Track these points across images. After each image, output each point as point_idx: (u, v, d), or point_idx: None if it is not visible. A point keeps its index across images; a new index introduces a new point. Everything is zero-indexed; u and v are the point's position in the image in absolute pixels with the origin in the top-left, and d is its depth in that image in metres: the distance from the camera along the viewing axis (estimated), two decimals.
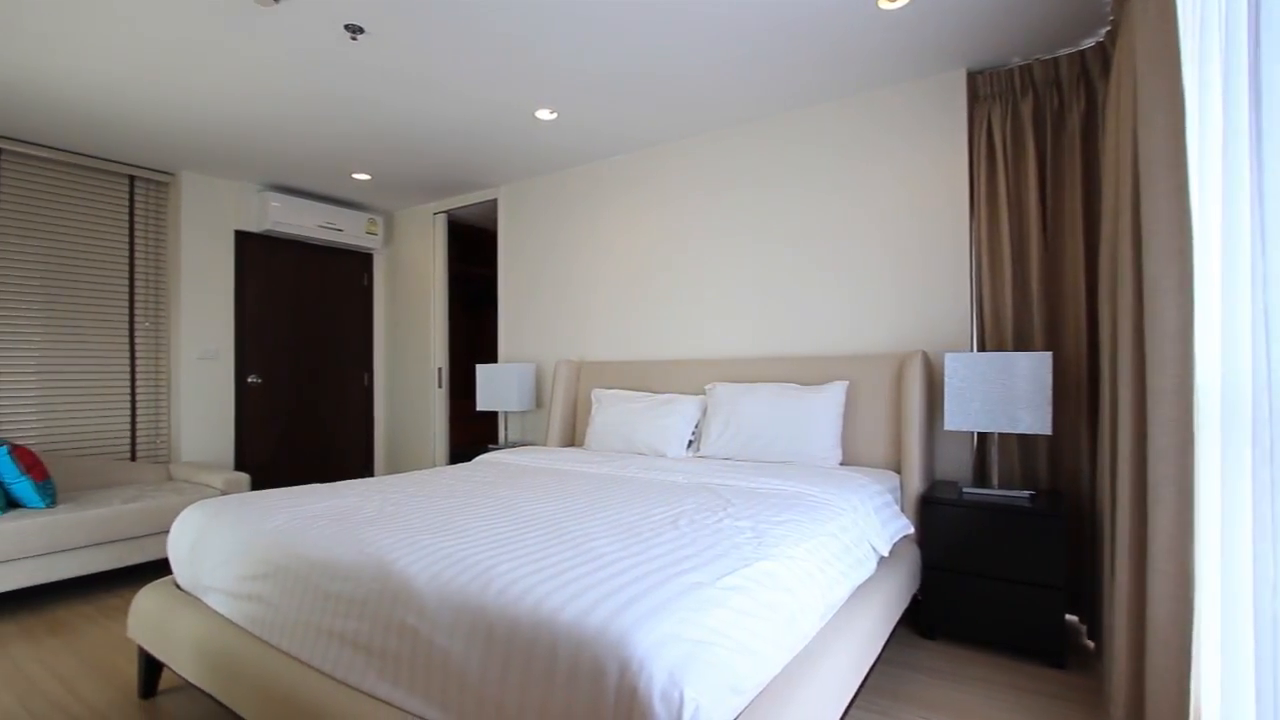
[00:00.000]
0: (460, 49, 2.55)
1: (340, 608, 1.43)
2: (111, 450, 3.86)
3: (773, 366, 3.06)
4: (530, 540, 1.52)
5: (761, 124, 3.26)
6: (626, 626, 1.07)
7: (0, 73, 2.70)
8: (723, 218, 3.39)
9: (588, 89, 2.91)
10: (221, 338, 4.25)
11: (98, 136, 3.45)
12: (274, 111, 3.15)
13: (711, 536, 1.59)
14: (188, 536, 1.94)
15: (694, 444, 3.08)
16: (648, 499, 2.03)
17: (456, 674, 1.20)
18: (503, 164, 3.97)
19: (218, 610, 1.77)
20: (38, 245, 3.60)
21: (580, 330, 3.99)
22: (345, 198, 4.74)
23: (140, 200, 4.02)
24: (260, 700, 1.49)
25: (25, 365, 3.55)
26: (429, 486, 2.27)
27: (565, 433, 3.72)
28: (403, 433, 5.10)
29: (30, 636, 2.53)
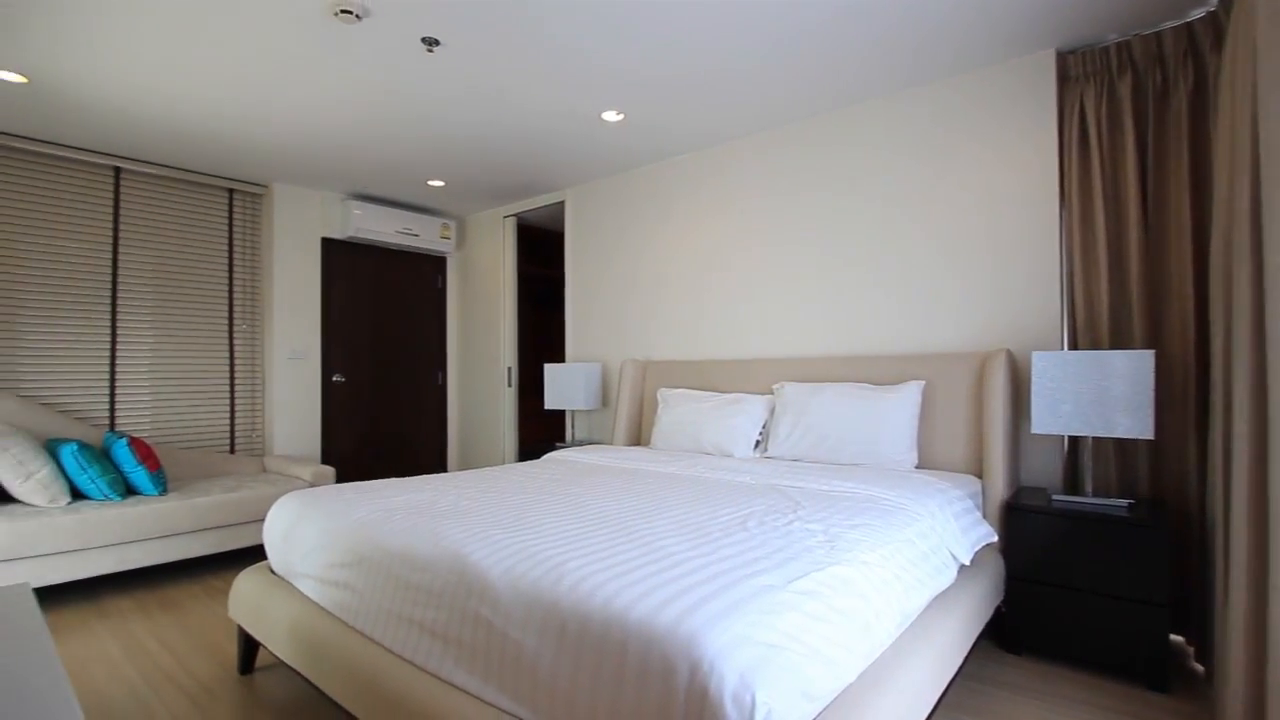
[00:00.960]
0: (530, 56, 2.60)
1: (419, 597, 1.49)
2: (213, 443, 4.17)
3: (843, 366, 2.98)
4: (599, 538, 1.54)
5: (832, 116, 3.17)
6: (696, 627, 1.06)
7: (121, 99, 2.97)
8: (791, 213, 3.32)
9: (655, 88, 2.91)
10: (309, 339, 4.52)
11: (201, 153, 3.73)
12: (357, 123, 3.32)
13: (782, 539, 1.56)
14: (281, 525, 2.07)
15: (761, 444, 3.04)
16: (715, 499, 2.01)
17: (529, 667, 1.22)
18: (570, 167, 4.03)
19: (308, 595, 1.88)
20: (151, 255, 3.93)
21: (646, 330, 4.01)
22: (421, 204, 4.94)
23: (238, 211, 4.32)
24: (347, 681, 1.57)
25: (140, 365, 3.88)
26: (500, 483, 2.34)
27: (631, 431, 3.74)
28: (474, 430, 5.26)
29: (145, 612, 2.76)
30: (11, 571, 2.65)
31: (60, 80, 2.79)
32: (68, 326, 3.63)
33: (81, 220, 3.68)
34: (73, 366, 3.64)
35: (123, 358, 3.82)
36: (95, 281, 3.72)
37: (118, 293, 3.80)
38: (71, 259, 3.64)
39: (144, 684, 2.10)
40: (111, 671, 2.20)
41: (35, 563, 2.72)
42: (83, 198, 3.69)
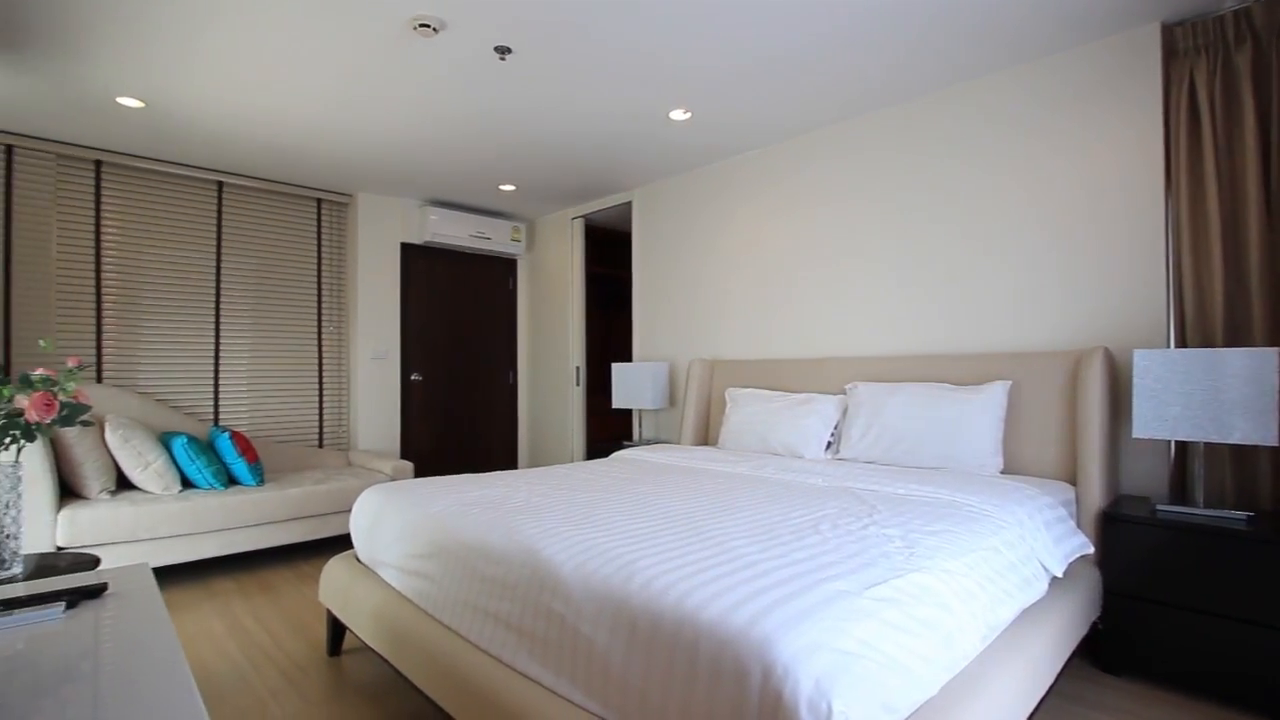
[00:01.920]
0: (597, 59, 2.63)
1: (494, 590, 1.53)
2: (303, 438, 4.45)
3: (921, 365, 2.86)
4: (669, 537, 1.54)
5: (911, 105, 3.05)
6: (770, 630, 1.04)
7: (223, 119, 3.21)
8: (865, 206, 3.22)
9: (723, 84, 2.88)
10: (390, 340, 4.74)
11: (293, 166, 3.98)
12: (434, 132, 3.45)
13: (856, 544, 1.51)
14: (366, 516, 2.18)
15: (833, 446, 2.96)
16: (786, 501, 1.97)
17: (600, 662, 1.24)
18: (637, 167, 4.05)
19: (390, 583, 1.97)
20: (249, 262, 4.23)
21: (714, 329, 3.98)
22: (492, 208, 5.09)
23: (326, 219, 4.59)
24: (426, 667, 1.64)
25: (239, 364, 4.18)
26: (570, 480, 2.38)
27: (699, 431, 3.72)
28: (543, 428, 5.38)
29: (245, 593, 2.97)
30: (132, 552, 2.91)
31: (172, 104, 3.04)
32: (178, 329, 3.95)
33: (190, 231, 4.00)
34: (183, 365, 3.97)
35: (225, 357, 4.12)
36: (202, 288, 4.04)
37: (221, 298, 4.11)
38: (182, 267, 3.96)
39: (244, 659, 2.27)
40: (216, 646, 2.38)
41: (152, 545, 2.97)
42: (191, 211, 4.00)
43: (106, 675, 0.97)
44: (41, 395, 1.66)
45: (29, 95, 2.93)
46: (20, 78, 2.76)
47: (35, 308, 3.45)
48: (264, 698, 2.00)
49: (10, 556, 1.67)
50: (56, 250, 3.54)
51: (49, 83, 2.81)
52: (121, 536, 2.88)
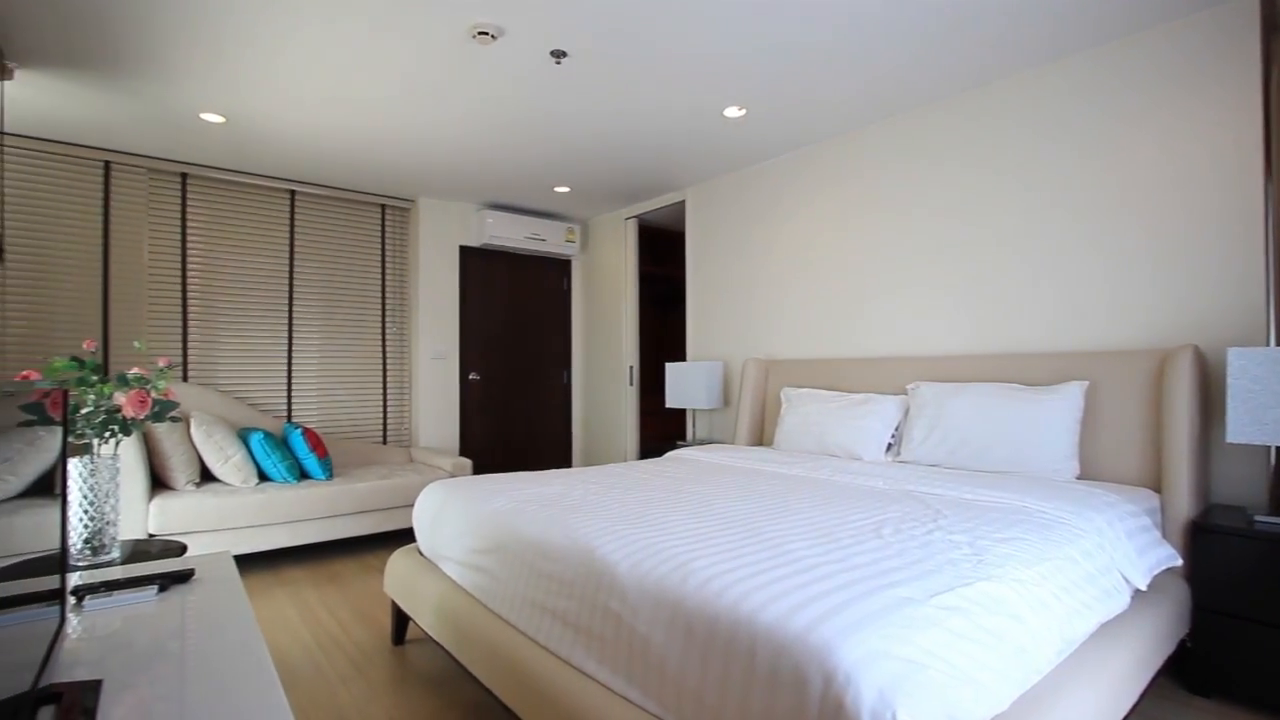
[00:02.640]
0: (652, 59, 2.63)
1: (552, 586, 1.55)
2: (368, 435, 4.63)
3: (989, 364, 2.74)
4: (725, 538, 1.52)
5: (975, 93, 2.93)
6: (830, 636, 1.02)
7: (295, 131, 3.37)
8: (927, 200, 3.11)
9: (778, 79, 2.84)
10: (449, 340, 4.87)
11: (359, 174, 4.15)
12: (491, 137, 3.53)
13: (920, 549, 1.46)
14: (428, 512, 2.24)
15: (893, 448, 2.87)
16: (845, 503, 1.92)
17: (657, 662, 1.24)
18: (691, 166, 4.04)
19: (452, 577, 2.03)
20: (318, 266, 4.43)
21: (769, 328, 3.92)
22: (547, 210, 5.17)
23: (389, 224, 4.76)
24: (486, 660, 1.67)
25: (310, 364, 4.39)
26: (624, 479, 2.39)
27: (753, 431, 3.68)
28: (597, 427, 5.43)
29: (315, 583, 3.11)
30: (214, 540, 3.09)
31: (250, 119, 3.22)
32: (255, 331, 4.18)
33: (265, 238, 4.22)
34: (259, 365, 4.19)
35: (297, 357, 4.33)
36: (276, 291, 4.26)
37: (293, 301, 4.32)
38: (258, 272, 4.19)
39: (315, 645, 2.37)
40: (289, 631, 2.50)
41: (231, 534, 3.15)
42: (266, 219, 4.23)
43: (193, 655, 1.03)
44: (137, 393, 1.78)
45: (124, 114, 3.16)
46: (116, 98, 2.98)
47: (129, 311, 3.72)
48: (334, 683, 2.09)
49: (110, 542, 1.80)
50: (148, 258, 3.80)
51: (141, 102, 3.02)
52: (205, 525, 3.06)
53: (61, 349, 3.48)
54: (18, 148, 3.40)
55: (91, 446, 1.82)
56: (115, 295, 3.68)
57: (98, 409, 1.80)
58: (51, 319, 3.50)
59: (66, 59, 2.61)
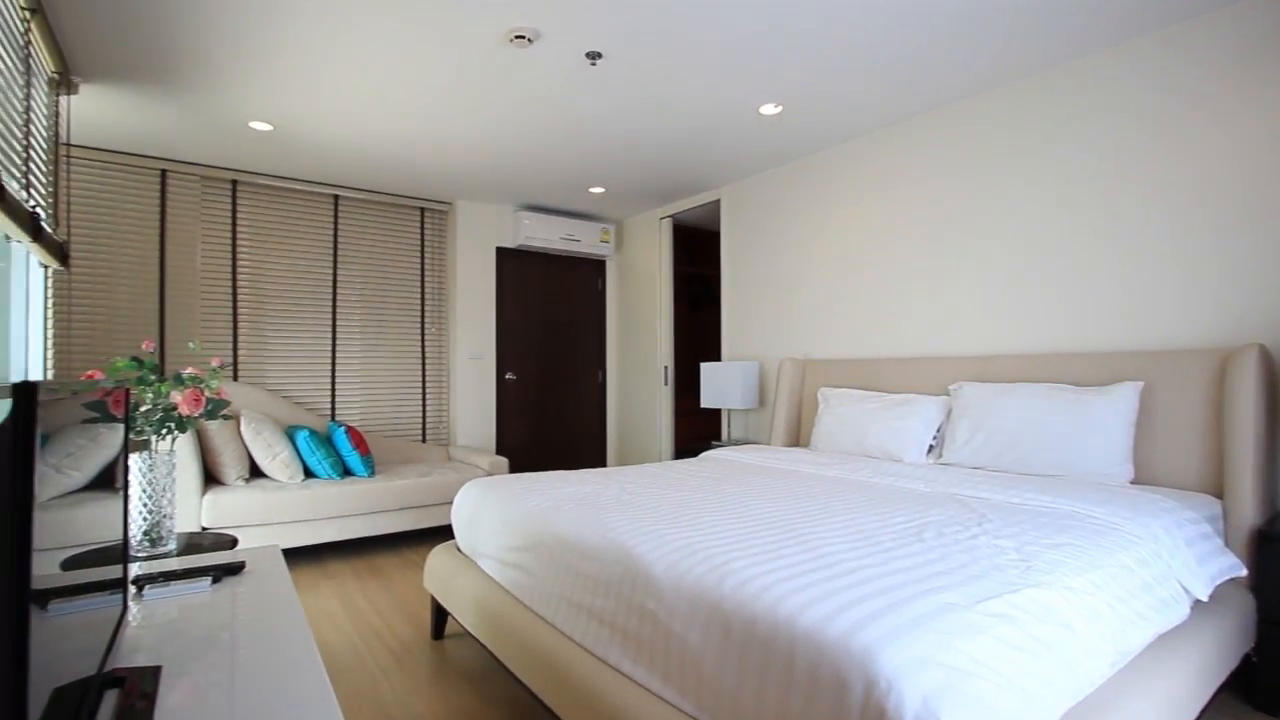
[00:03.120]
0: (687, 57, 2.62)
1: (588, 585, 1.56)
2: (408, 433, 4.73)
3: (1035, 364, 2.65)
4: (762, 539, 1.51)
5: (1022, 84, 2.83)
6: (872, 641, 1.00)
7: (338, 138, 3.47)
8: (970, 195, 3.02)
9: (815, 76, 2.80)
10: (485, 341, 4.95)
11: (399, 178, 4.24)
12: (527, 140, 3.57)
13: (965, 554, 1.42)
14: (466, 509, 2.28)
15: (935, 449, 2.80)
16: (885, 506, 1.89)
17: (694, 663, 1.23)
18: (726, 165, 4.01)
19: (489, 574, 2.06)
20: (360, 269, 4.55)
21: (806, 327, 3.87)
22: (582, 210, 5.20)
23: (428, 227, 4.85)
24: (523, 656, 1.69)
25: (352, 364, 4.51)
26: (660, 479, 2.38)
27: (789, 432, 3.64)
28: (632, 427, 5.44)
29: (358, 577, 3.19)
30: (262, 534, 3.20)
31: (297, 126, 3.32)
32: (300, 331, 4.31)
33: (310, 241, 4.35)
34: (304, 365, 4.32)
35: (340, 357, 4.45)
36: (320, 293, 4.38)
37: (337, 302, 4.44)
38: (304, 275, 4.32)
39: (358, 638, 2.44)
40: (333, 623, 2.57)
41: (279, 528, 3.26)
42: (311, 222, 4.36)
43: (244, 644, 1.07)
44: (191, 392, 1.85)
45: (179, 125, 3.30)
46: (172, 110, 3.11)
47: (184, 313, 3.88)
48: (376, 675, 2.14)
49: (167, 534, 1.88)
50: (201, 262, 3.95)
51: (195, 112, 3.14)
52: (254, 520, 3.17)
53: (122, 350, 3.65)
54: (82, 159, 3.58)
55: (150, 443, 1.90)
56: (171, 298, 3.84)
57: (156, 407, 1.88)
58: (112, 321, 3.67)
59: (127, 74, 2.73)
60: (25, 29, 2.15)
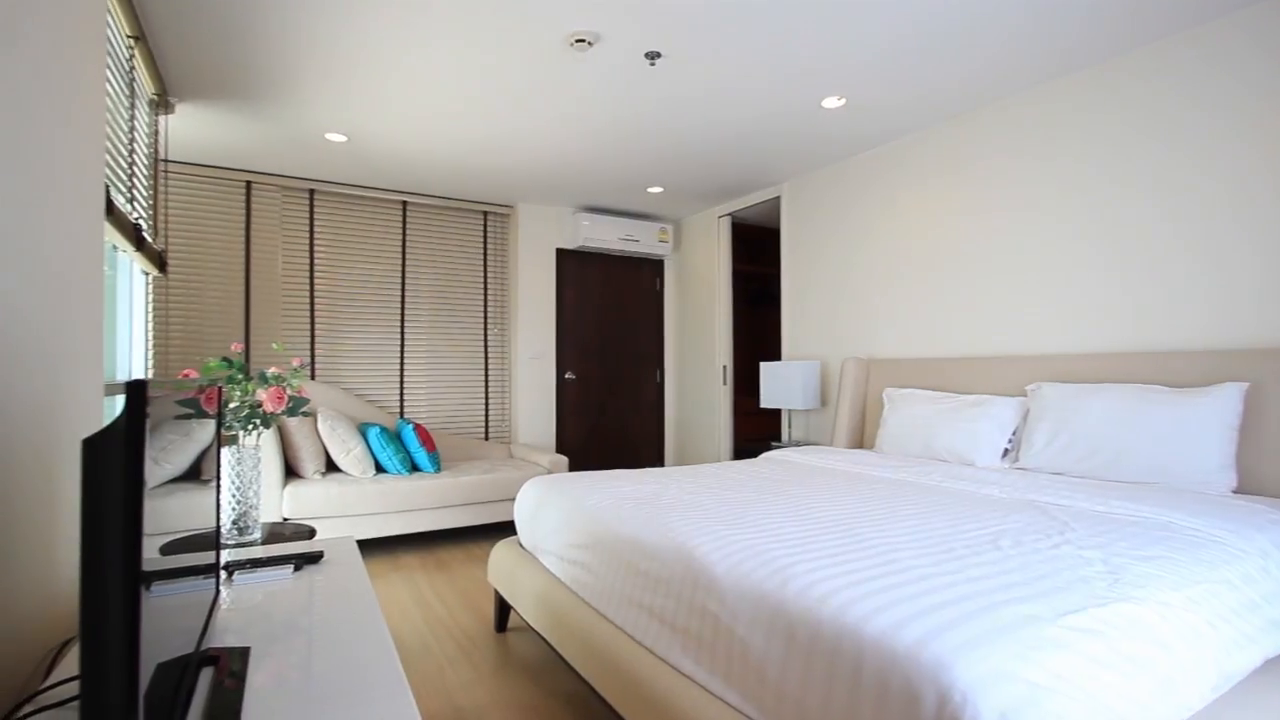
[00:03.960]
0: (747, 53, 2.59)
1: (648, 584, 1.56)
2: (471, 431, 4.86)
3: (1122, 363, 2.49)
4: (827, 542, 1.47)
5: (1113, 63, 2.66)
6: (945, 652, 0.96)
7: (407, 146, 3.60)
8: (1046, 183, 2.86)
9: (881, 64, 2.71)
10: (545, 341, 5.03)
11: (463, 183, 4.37)
12: (586, 142, 3.61)
13: (1046, 564, 1.34)
14: (527, 506, 2.33)
15: (1010, 453, 2.67)
16: (956, 511, 1.81)
17: (756, 666, 1.21)
18: (786, 160, 3.94)
19: (551, 570, 2.09)
20: (427, 272, 4.71)
21: (869, 326, 3.76)
22: (640, 211, 5.22)
23: (491, 230, 4.98)
24: (583, 651, 1.71)
25: (419, 363, 4.67)
26: (720, 480, 2.37)
27: (852, 433, 3.54)
28: (690, 427, 5.42)
29: (425, 569, 3.31)
30: (337, 525, 3.36)
31: (367, 136, 3.47)
32: (371, 332, 4.50)
33: (380, 246, 4.54)
34: (375, 364, 4.51)
35: (408, 357, 4.63)
36: (389, 295, 4.57)
37: (405, 304, 4.62)
38: (374, 278, 4.51)
39: (425, 627, 2.52)
40: (402, 613, 2.67)
41: (352, 520, 3.41)
42: (381, 228, 4.54)
43: (323, 629, 1.12)
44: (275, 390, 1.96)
45: (262, 138, 3.50)
46: (256, 124, 3.30)
47: (266, 316, 4.11)
48: (442, 664, 2.21)
49: (253, 524, 2.00)
50: (281, 267, 4.19)
51: (276, 126, 3.33)
52: (330, 512, 3.34)
53: (212, 350, 3.91)
54: (177, 173, 3.85)
55: (238, 438, 2.02)
56: (255, 301, 4.08)
57: (243, 404, 2.00)
58: (204, 323, 3.93)
59: (217, 93, 2.92)
60: (130, 55, 2.33)
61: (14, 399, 0.99)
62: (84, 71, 1.37)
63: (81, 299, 1.33)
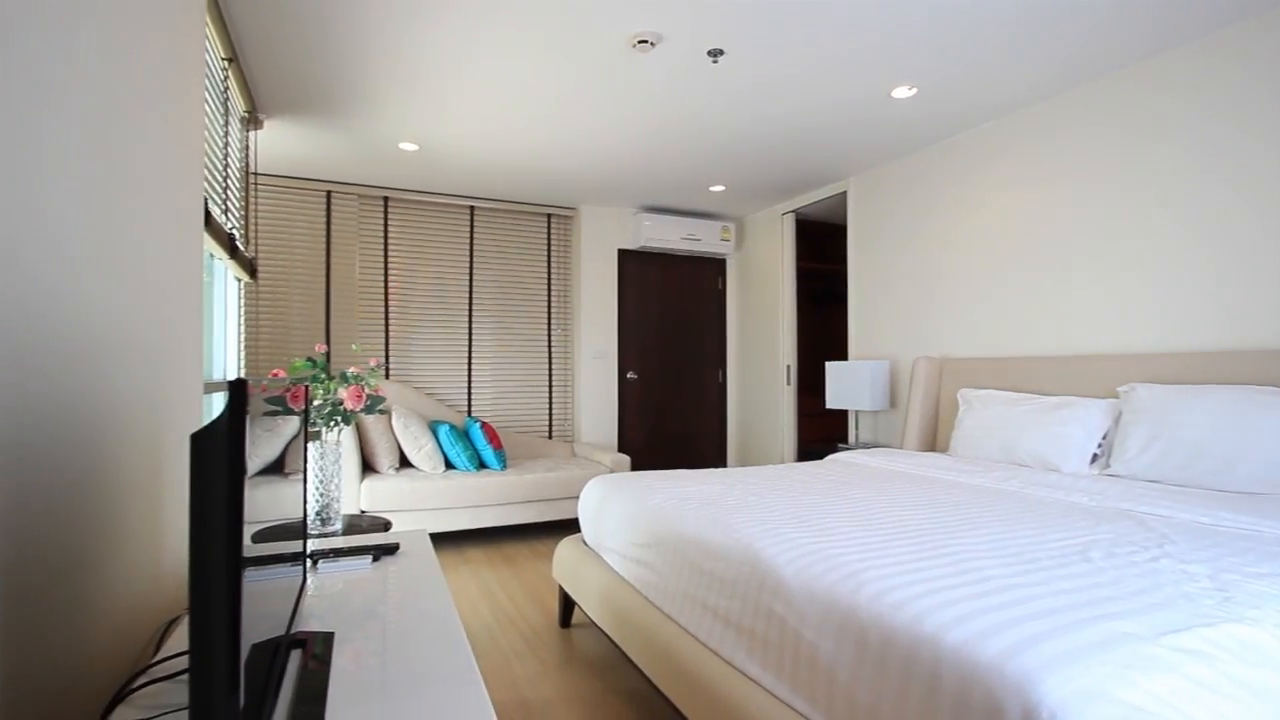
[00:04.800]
0: (814, 45, 2.54)
1: (713, 585, 1.55)
2: (535, 429, 4.96)
3: (1224, 363, 2.29)
4: (899, 548, 1.42)
5: (1200, 45, 2.45)
6: (1032, 667, 0.91)
7: (473, 153, 3.71)
8: (1142, 172, 2.67)
9: (955, 48, 2.60)
10: (608, 341, 5.08)
11: (527, 187, 4.47)
12: (648, 142, 3.62)
13: (1143, 578, 1.25)
14: (591, 504, 2.35)
15: (1099, 459, 2.50)
16: (1040, 520, 1.71)
17: (825, 671, 1.18)
18: (853, 154, 3.84)
19: (614, 568, 2.11)
20: (493, 274, 4.84)
21: (942, 324, 3.61)
22: (702, 209, 5.19)
23: (554, 232, 5.07)
24: (646, 649, 1.72)
25: (486, 363, 4.81)
26: (784, 481, 2.32)
27: (924, 436, 3.41)
28: (752, 427, 5.35)
29: (491, 564, 3.40)
30: (409, 519, 3.50)
31: (437, 144, 3.60)
32: (441, 334, 4.66)
33: (450, 250, 4.70)
34: (444, 364, 4.67)
35: (475, 357, 4.77)
36: (458, 298, 4.72)
37: (472, 305, 4.76)
38: (444, 281, 4.67)
39: (492, 620, 2.59)
40: (470, 605, 2.75)
41: (424, 514, 3.54)
42: (450, 232, 4.70)
43: (398, 618, 1.17)
44: (355, 388, 2.06)
45: (342, 150, 3.69)
46: (336, 136, 3.48)
47: (345, 318, 4.33)
48: (509, 656, 2.26)
49: (334, 515, 2.10)
50: (359, 272, 4.39)
51: (355, 137, 3.50)
52: (403, 505, 3.48)
53: (297, 351, 4.14)
54: (265, 185, 4.11)
55: (321, 434, 2.14)
56: (335, 304, 4.30)
57: (326, 402, 2.11)
58: (289, 325, 4.17)
59: (301, 108, 3.10)
60: (224, 76, 2.50)
61: (127, 397, 1.08)
62: (186, 93, 1.48)
63: (183, 305, 1.43)
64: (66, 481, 0.86)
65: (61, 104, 0.85)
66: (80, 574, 0.90)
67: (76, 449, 0.89)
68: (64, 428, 0.85)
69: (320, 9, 2.27)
